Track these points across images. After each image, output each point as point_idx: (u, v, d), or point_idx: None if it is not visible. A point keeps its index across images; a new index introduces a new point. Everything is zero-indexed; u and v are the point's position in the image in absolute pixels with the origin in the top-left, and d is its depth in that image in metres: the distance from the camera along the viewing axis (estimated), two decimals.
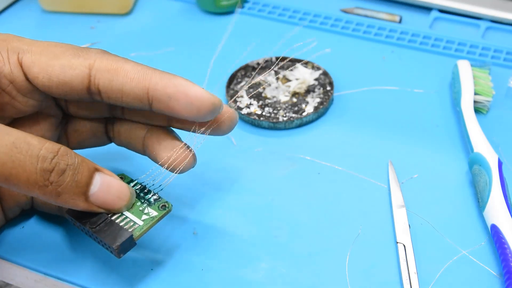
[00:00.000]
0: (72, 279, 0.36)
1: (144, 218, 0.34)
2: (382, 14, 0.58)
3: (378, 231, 0.38)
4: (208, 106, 0.33)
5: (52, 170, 0.30)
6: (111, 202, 0.33)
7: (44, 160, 0.30)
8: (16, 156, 0.30)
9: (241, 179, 0.42)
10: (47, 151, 0.30)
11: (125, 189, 0.33)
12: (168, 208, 0.34)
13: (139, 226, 0.33)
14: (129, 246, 0.33)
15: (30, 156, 0.30)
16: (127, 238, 0.32)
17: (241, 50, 0.54)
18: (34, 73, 0.33)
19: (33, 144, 0.30)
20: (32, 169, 0.30)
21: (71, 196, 0.32)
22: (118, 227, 0.33)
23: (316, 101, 0.48)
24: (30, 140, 0.30)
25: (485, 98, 0.46)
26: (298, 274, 0.36)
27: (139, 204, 0.35)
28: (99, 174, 0.33)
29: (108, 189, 0.33)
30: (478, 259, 0.36)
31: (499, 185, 0.37)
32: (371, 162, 0.43)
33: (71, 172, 0.31)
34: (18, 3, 0.63)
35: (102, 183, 0.33)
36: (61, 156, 0.31)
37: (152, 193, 0.35)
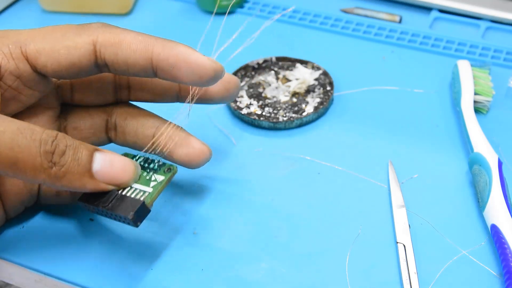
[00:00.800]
0: (72, 279, 0.36)
1: (152, 185, 0.35)
2: (382, 14, 0.58)
3: (378, 231, 0.38)
4: (210, 73, 0.34)
5: (53, 151, 0.31)
6: (117, 176, 0.34)
7: (46, 143, 0.31)
8: (21, 141, 0.31)
9: (241, 179, 0.42)
10: (47, 135, 0.31)
11: (128, 162, 0.34)
12: (173, 170, 0.36)
13: (149, 193, 0.34)
14: (144, 213, 0.34)
15: (34, 140, 0.31)
16: (140, 206, 0.33)
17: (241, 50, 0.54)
18: (42, 62, 0.34)
19: (36, 130, 0.31)
20: (36, 152, 0.31)
21: (76, 176, 0.32)
22: (130, 199, 0.34)
23: (316, 101, 0.48)
24: (32, 127, 0.31)
25: (485, 98, 0.46)
26: (298, 274, 0.36)
27: (145, 174, 0.36)
28: (100, 152, 0.33)
29: (111, 164, 0.34)
30: (478, 259, 0.36)
31: (499, 185, 0.37)
32: (371, 162, 0.43)
33: (71, 151, 0.32)
34: (18, 3, 0.63)
35: (104, 159, 0.33)
36: (59, 139, 0.32)
37: (156, 161, 0.36)
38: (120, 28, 0.35)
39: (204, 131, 0.46)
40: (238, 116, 0.47)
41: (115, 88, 0.39)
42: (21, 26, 0.60)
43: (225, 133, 0.46)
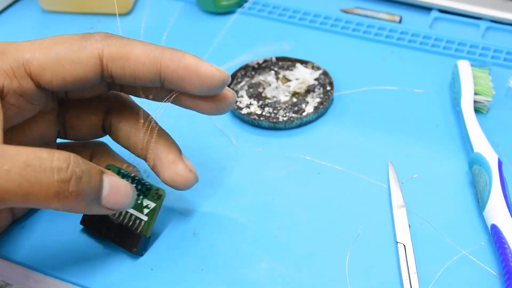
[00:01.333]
0: (72, 279, 0.36)
1: (146, 212, 0.36)
2: (382, 14, 0.58)
3: (378, 231, 0.38)
4: (218, 83, 0.34)
5: (70, 179, 0.30)
6: (120, 202, 0.33)
7: (60, 171, 0.29)
8: (31, 175, 0.29)
9: (241, 179, 0.42)
10: (59, 161, 0.29)
11: (130, 187, 0.34)
12: (162, 196, 0.36)
13: (145, 222, 0.36)
14: (145, 244, 0.37)
15: (45, 171, 0.29)
16: (141, 240, 0.36)
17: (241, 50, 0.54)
18: (47, 79, 0.33)
19: (44, 158, 0.29)
20: (49, 183, 0.29)
21: (88, 203, 0.31)
22: (129, 231, 0.36)
23: (316, 101, 0.48)
24: (40, 154, 0.29)
25: (485, 98, 0.46)
26: (298, 274, 0.36)
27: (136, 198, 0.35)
28: (106, 176, 0.32)
29: (117, 190, 0.33)
30: (478, 259, 0.36)
31: (499, 185, 0.37)
32: (371, 162, 0.43)
33: (87, 178, 0.30)
34: (18, 3, 0.63)
35: (111, 185, 0.32)
36: (74, 163, 0.30)
37: (142, 181, 0.37)
38: (125, 39, 0.34)
39: (204, 131, 0.46)
40: (238, 116, 0.47)
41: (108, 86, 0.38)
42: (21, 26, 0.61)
43: (225, 133, 0.46)
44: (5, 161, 0.28)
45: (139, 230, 0.36)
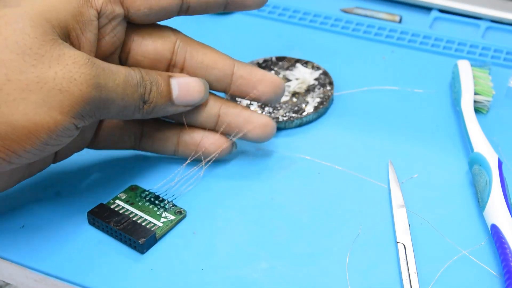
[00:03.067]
0: (72, 279, 0.36)
1: (163, 220, 0.38)
2: (382, 14, 0.58)
3: (378, 231, 0.38)
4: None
5: (144, 92, 0.35)
6: (192, 98, 0.38)
7: (139, 86, 0.35)
8: (129, 89, 0.34)
9: (241, 179, 0.42)
10: (139, 77, 0.35)
11: (199, 81, 0.38)
12: (183, 214, 0.38)
13: (160, 226, 0.37)
14: (151, 243, 0.37)
15: (134, 85, 0.35)
16: (151, 236, 0.36)
17: (241, 50, 0.54)
18: (136, 6, 0.36)
19: (131, 75, 0.35)
20: (137, 96, 0.35)
21: (161, 107, 0.37)
22: (141, 226, 0.37)
23: (316, 101, 0.48)
24: (130, 72, 0.35)
25: (485, 98, 0.46)
26: (298, 274, 0.36)
27: (156, 209, 0.38)
28: (174, 78, 0.37)
29: (187, 87, 0.38)
30: (478, 259, 0.36)
31: (499, 185, 0.37)
32: (371, 162, 0.43)
33: (155, 87, 0.36)
34: None
35: (180, 85, 0.37)
36: (144, 77, 0.35)
37: (166, 201, 0.39)
38: None
39: None
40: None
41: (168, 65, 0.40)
42: None
43: None
44: (115, 76, 0.33)
45: (152, 228, 0.37)
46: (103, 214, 0.38)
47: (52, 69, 0.31)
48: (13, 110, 0.30)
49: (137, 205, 0.39)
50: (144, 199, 0.39)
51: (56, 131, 0.31)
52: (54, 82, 0.31)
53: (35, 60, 0.31)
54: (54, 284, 0.36)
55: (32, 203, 0.40)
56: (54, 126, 0.31)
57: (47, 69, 0.31)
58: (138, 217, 0.38)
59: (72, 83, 0.31)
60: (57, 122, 0.31)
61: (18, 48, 0.30)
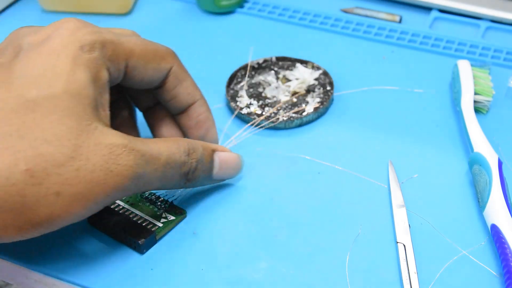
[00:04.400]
0: (72, 279, 0.36)
1: (163, 221, 0.38)
2: (382, 14, 0.58)
3: (378, 231, 0.38)
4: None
5: (188, 172, 0.35)
6: (229, 174, 0.39)
7: (184, 165, 0.35)
8: (169, 172, 0.34)
9: (241, 179, 0.42)
10: (185, 155, 0.35)
11: (238, 160, 0.40)
12: (183, 214, 0.38)
13: (160, 227, 0.37)
14: (151, 244, 0.37)
15: (176, 168, 0.34)
16: (150, 236, 0.36)
17: (241, 50, 0.54)
18: (132, 76, 0.36)
19: (176, 154, 0.34)
20: (176, 177, 0.35)
21: (200, 183, 0.37)
22: (141, 227, 0.37)
23: (316, 101, 0.48)
24: (174, 151, 0.34)
25: (485, 98, 0.46)
26: (298, 274, 0.36)
27: (156, 209, 0.38)
28: (216, 154, 0.38)
29: (226, 165, 0.38)
30: (478, 259, 0.36)
31: (499, 185, 0.37)
32: (371, 162, 0.43)
33: (200, 165, 0.36)
34: (18, 3, 0.63)
35: (221, 162, 0.38)
36: (191, 155, 0.35)
37: (166, 201, 0.39)
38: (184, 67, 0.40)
39: None
40: (238, 116, 0.47)
41: None
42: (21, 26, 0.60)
43: (225, 133, 0.46)
44: (154, 161, 0.33)
45: (152, 228, 0.37)
46: (103, 214, 0.38)
47: (90, 161, 0.30)
48: (52, 203, 0.30)
49: (137, 205, 0.39)
50: (144, 200, 0.39)
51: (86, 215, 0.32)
52: (92, 176, 0.30)
53: (74, 152, 0.30)
54: (54, 284, 0.36)
55: None
56: (85, 212, 0.32)
57: (85, 161, 0.30)
58: (138, 217, 0.38)
59: (108, 175, 0.31)
60: (91, 210, 0.32)
61: (57, 141, 0.30)
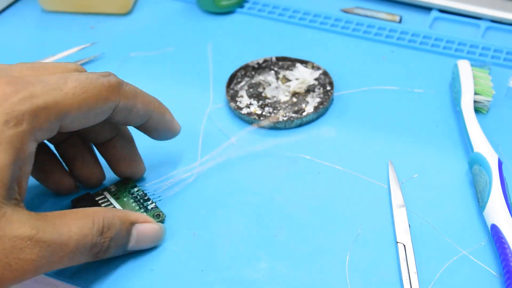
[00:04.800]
0: (72, 279, 0.36)
1: None
2: (382, 14, 0.58)
3: (378, 231, 0.38)
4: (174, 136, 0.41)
5: (99, 251, 0.33)
6: (146, 246, 0.37)
7: (95, 246, 0.33)
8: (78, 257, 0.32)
9: (241, 179, 0.42)
10: (98, 234, 0.33)
11: (159, 231, 0.37)
12: (161, 218, 0.38)
13: None
14: None
15: (85, 249, 0.32)
16: None
17: (241, 50, 0.54)
18: (70, 128, 0.34)
19: (88, 236, 0.32)
20: (83, 251, 0.32)
21: (114, 253, 0.35)
22: None
23: (316, 101, 0.48)
24: (86, 233, 0.32)
25: (485, 98, 0.46)
26: (298, 274, 0.36)
27: (137, 208, 0.38)
28: (135, 227, 0.35)
29: (144, 238, 0.36)
30: (478, 259, 0.36)
31: (499, 185, 0.37)
32: (371, 162, 0.43)
33: (113, 243, 0.34)
34: (18, 3, 0.63)
35: (139, 235, 0.36)
36: (105, 233, 0.33)
37: (150, 201, 0.39)
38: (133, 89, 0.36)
39: (204, 131, 0.46)
40: (238, 116, 0.47)
41: None
42: (21, 26, 0.61)
43: (225, 133, 0.46)
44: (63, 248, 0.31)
45: None
46: (85, 204, 0.38)
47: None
48: None
49: (122, 200, 0.39)
50: (130, 195, 0.39)
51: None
52: None
53: None
54: (54, 284, 0.36)
55: (32, 203, 0.40)
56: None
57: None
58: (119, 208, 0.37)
59: (7, 270, 0.29)
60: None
61: None
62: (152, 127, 0.39)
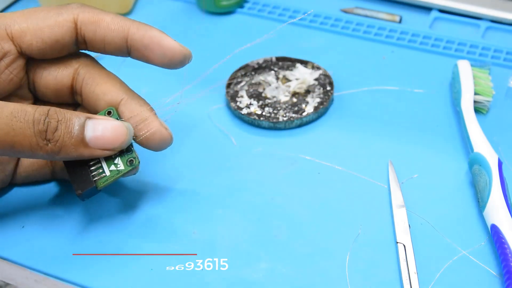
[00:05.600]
0: (72, 279, 0.36)
1: (112, 169, 0.36)
2: (382, 14, 0.58)
3: (378, 231, 0.38)
4: (179, 57, 0.37)
5: (46, 130, 0.33)
6: (110, 142, 0.35)
7: (38, 123, 0.33)
8: (16, 125, 0.32)
9: (241, 179, 0.42)
10: (39, 114, 0.33)
11: (119, 126, 0.36)
12: (134, 164, 0.36)
13: (105, 177, 0.36)
14: (92, 193, 0.36)
15: (27, 122, 0.33)
16: (90, 188, 0.35)
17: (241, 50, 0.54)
18: (27, 41, 0.35)
19: (28, 111, 0.33)
20: (31, 133, 0.33)
21: (71, 148, 0.34)
22: (87, 173, 0.36)
23: (316, 101, 0.48)
24: (25, 108, 0.33)
25: (485, 98, 0.46)
26: (298, 274, 0.36)
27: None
28: (91, 120, 0.35)
29: (102, 131, 0.35)
30: (478, 259, 0.36)
31: (499, 185, 0.37)
32: (371, 162, 0.43)
33: (63, 125, 0.34)
34: (18, 3, 0.63)
35: (95, 126, 0.35)
36: (51, 115, 0.33)
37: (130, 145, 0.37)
38: (99, 9, 0.37)
39: (204, 131, 0.46)
40: (238, 116, 0.47)
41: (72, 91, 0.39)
42: None
43: (225, 133, 0.46)
44: None
45: (95, 178, 0.36)
46: None
47: None
48: None
49: None
50: None
51: None
52: None
53: None
54: (54, 284, 0.36)
55: (33, 203, 0.40)
56: None
57: None
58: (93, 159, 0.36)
59: None
60: None
61: None
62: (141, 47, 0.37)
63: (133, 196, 0.41)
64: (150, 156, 0.43)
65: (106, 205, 0.40)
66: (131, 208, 0.40)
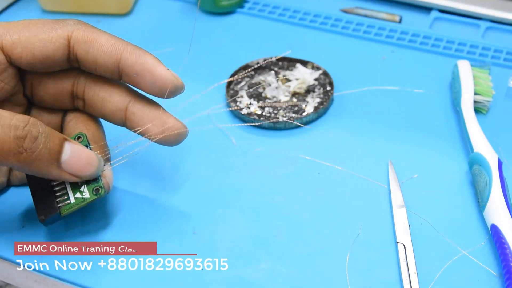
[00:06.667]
0: (72, 279, 0.36)
1: (77, 196, 0.36)
2: (382, 14, 0.58)
3: (378, 231, 0.38)
4: (170, 87, 0.36)
5: (25, 137, 0.32)
6: (81, 169, 0.35)
7: (17, 128, 0.32)
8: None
9: (241, 179, 0.42)
10: (18, 120, 0.32)
11: (94, 156, 0.35)
12: (100, 193, 0.36)
13: (69, 204, 0.35)
14: (55, 219, 0.36)
15: (2, 126, 0.32)
16: (53, 215, 0.35)
17: (241, 50, 0.54)
18: (17, 53, 0.35)
19: (4, 116, 0.32)
20: (6, 138, 0.31)
21: (44, 163, 0.33)
22: (52, 199, 0.35)
23: (316, 101, 0.48)
24: (1, 113, 0.32)
25: (485, 98, 0.46)
26: (298, 274, 0.36)
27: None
28: (69, 143, 0.34)
29: (78, 156, 0.34)
30: (478, 259, 0.36)
31: (499, 185, 0.37)
32: (371, 162, 0.43)
33: (44, 139, 0.33)
34: (18, 3, 0.63)
35: (73, 151, 0.34)
36: (32, 124, 0.32)
37: None
38: (95, 28, 0.36)
39: (204, 131, 0.46)
40: (238, 116, 0.47)
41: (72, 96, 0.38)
42: None
43: (225, 133, 0.46)
44: None
45: (60, 205, 0.35)
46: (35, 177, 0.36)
47: None
48: None
49: None
50: None
51: None
52: None
53: None
54: (54, 284, 0.36)
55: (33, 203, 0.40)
56: None
57: None
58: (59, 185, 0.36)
59: None
60: None
61: None
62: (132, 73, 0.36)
63: (133, 196, 0.41)
64: (150, 156, 0.43)
65: (105, 206, 0.40)
66: (131, 208, 0.40)
